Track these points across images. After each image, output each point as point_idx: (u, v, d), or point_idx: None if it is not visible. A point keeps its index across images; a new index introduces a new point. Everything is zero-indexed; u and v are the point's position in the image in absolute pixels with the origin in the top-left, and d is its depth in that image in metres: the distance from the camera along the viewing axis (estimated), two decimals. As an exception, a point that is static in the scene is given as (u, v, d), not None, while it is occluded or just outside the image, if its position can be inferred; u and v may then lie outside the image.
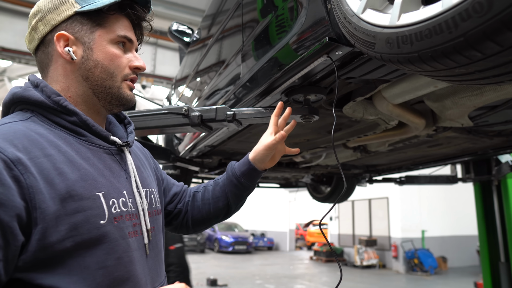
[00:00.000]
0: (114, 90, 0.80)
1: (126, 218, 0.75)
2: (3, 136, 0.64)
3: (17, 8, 8.34)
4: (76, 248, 0.65)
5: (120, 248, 0.71)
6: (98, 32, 0.78)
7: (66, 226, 0.64)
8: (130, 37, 0.82)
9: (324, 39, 1.01)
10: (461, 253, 12.06)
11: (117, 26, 0.80)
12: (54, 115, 0.74)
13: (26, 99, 0.74)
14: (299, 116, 1.44)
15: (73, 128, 0.75)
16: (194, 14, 8.69)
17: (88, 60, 0.78)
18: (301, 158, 3.07)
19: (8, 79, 12.64)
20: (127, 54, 0.82)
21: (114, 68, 0.79)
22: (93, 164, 0.74)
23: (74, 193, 0.66)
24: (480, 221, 3.62)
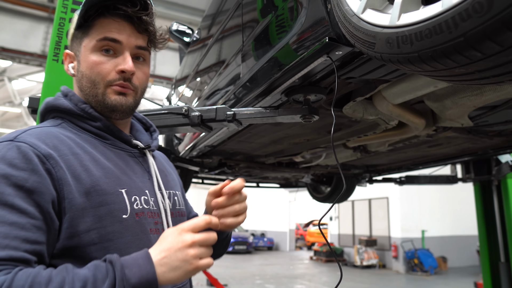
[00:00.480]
0: (99, 97, 0.81)
1: (147, 215, 0.79)
2: (36, 136, 0.71)
3: (17, 8, 8.34)
4: (100, 239, 0.70)
5: (141, 242, 0.75)
6: (84, 43, 0.81)
7: (91, 218, 0.69)
8: (114, 37, 0.79)
9: (324, 39, 1.01)
10: (461, 253, 12.06)
11: (99, 31, 0.79)
12: (81, 121, 0.81)
13: (56, 107, 0.81)
14: (299, 116, 1.44)
15: (98, 133, 0.81)
16: (194, 14, 8.69)
17: (78, 72, 0.83)
18: (301, 158, 3.07)
19: (8, 79, 12.63)
20: (116, 58, 0.80)
21: (95, 76, 0.80)
22: (117, 164, 0.79)
23: (98, 188, 0.72)
24: (480, 221, 3.62)
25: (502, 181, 3.39)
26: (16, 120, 18.60)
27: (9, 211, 0.61)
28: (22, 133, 0.71)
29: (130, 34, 0.81)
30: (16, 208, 0.62)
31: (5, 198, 0.62)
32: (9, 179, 0.63)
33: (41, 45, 8.55)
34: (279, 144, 2.60)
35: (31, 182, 0.65)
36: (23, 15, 8.42)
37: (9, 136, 0.70)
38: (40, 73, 12.14)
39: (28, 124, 17.56)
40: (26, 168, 0.65)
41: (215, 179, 4.27)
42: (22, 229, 0.61)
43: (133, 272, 0.62)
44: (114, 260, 0.63)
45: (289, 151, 2.80)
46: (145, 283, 0.62)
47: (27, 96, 7.50)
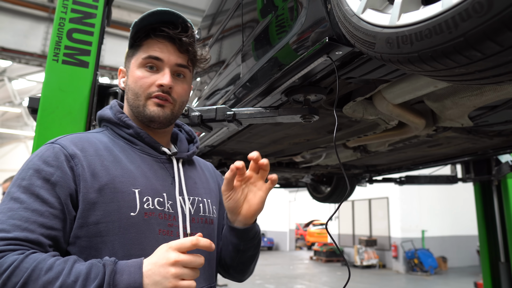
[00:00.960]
0: (140, 108, 0.91)
1: (159, 216, 0.84)
2: (70, 139, 0.85)
3: (17, 8, 8.34)
4: (108, 233, 0.78)
5: (146, 240, 0.81)
6: (132, 60, 0.93)
7: (102, 211, 0.78)
8: (157, 56, 0.89)
9: (324, 39, 1.01)
10: (461, 253, 12.06)
11: (145, 51, 0.91)
12: (118, 128, 0.93)
13: (101, 116, 0.96)
14: (299, 116, 1.44)
15: (129, 139, 0.92)
16: (194, 14, 8.69)
17: (126, 86, 0.95)
18: (301, 158, 3.07)
19: (8, 79, 12.63)
20: (157, 74, 0.90)
21: (137, 89, 0.91)
22: (138, 166, 0.87)
23: (112, 186, 0.80)
24: (480, 221, 3.62)
25: (502, 181, 3.38)
26: (16, 120, 18.60)
27: (34, 200, 0.74)
28: (62, 138, 0.85)
29: (171, 53, 0.91)
30: (40, 197, 0.74)
31: (34, 188, 0.75)
32: (40, 173, 0.77)
33: (41, 45, 8.55)
34: (279, 144, 2.60)
35: (55, 176, 0.77)
36: (23, 15, 8.42)
37: (54, 139, 0.85)
38: (40, 73, 12.14)
39: (28, 124, 17.56)
40: (54, 165, 0.78)
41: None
42: (40, 216, 0.73)
43: (122, 278, 0.68)
44: (107, 264, 0.70)
45: (289, 151, 2.80)
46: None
47: (27, 96, 7.49)
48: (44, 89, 1.62)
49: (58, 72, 1.64)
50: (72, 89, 1.64)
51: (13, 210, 0.72)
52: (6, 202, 0.74)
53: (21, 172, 0.78)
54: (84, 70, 1.67)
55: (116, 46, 9.26)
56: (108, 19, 1.91)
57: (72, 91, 1.64)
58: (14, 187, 0.76)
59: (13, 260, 0.66)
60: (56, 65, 1.64)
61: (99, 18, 1.74)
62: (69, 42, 1.66)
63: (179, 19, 0.92)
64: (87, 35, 1.70)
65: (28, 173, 0.77)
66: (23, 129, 18.35)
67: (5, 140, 19.99)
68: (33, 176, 0.76)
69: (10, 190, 0.76)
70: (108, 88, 1.77)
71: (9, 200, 0.74)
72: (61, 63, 1.64)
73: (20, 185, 0.76)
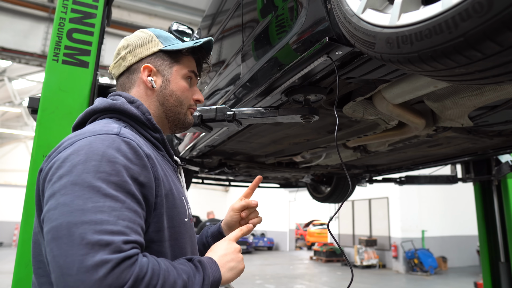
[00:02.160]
0: (181, 116, 0.97)
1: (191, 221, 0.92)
2: (132, 136, 0.77)
3: (17, 8, 8.33)
4: (170, 237, 0.80)
5: (192, 243, 0.89)
6: (175, 68, 0.97)
7: (167, 216, 0.79)
8: (197, 73, 1.02)
9: (324, 39, 1.01)
10: (461, 253, 12.06)
11: (188, 64, 0.99)
12: (143, 129, 0.88)
13: (124, 110, 0.86)
14: (299, 116, 1.44)
15: (155, 143, 0.90)
16: (194, 14, 8.69)
17: (165, 89, 0.95)
18: (301, 158, 3.07)
19: (8, 79, 12.63)
20: (192, 87, 1.01)
21: (183, 98, 0.97)
22: (172, 173, 0.90)
23: (173, 192, 0.82)
24: (480, 221, 3.62)
25: (502, 181, 3.39)
26: (16, 120, 18.60)
27: (131, 200, 0.68)
28: (120, 130, 0.77)
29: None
30: (136, 197, 0.69)
31: (129, 187, 0.68)
32: (128, 170, 0.70)
33: (41, 45, 8.55)
34: (279, 144, 2.60)
35: (143, 176, 0.72)
36: (23, 15, 8.42)
37: (111, 130, 0.75)
38: (40, 73, 12.14)
39: (28, 124, 17.56)
40: (139, 164, 0.73)
41: (215, 179, 4.27)
42: (140, 217, 0.69)
43: (209, 272, 0.76)
44: (202, 261, 0.77)
45: (289, 151, 2.80)
46: (216, 281, 0.76)
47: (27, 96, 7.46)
48: (44, 89, 1.62)
49: (58, 72, 1.64)
50: (72, 89, 1.64)
51: (117, 210, 0.64)
52: (98, 199, 0.64)
53: (99, 164, 0.67)
54: (84, 70, 1.67)
55: (116, 46, 9.24)
56: (108, 19, 1.91)
57: (72, 91, 1.64)
58: (99, 181, 0.65)
59: (146, 262, 0.64)
60: (56, 65, 1.64)
61: (99, 18, 1.74)
62: (69, 42, 1.66)
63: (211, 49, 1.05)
64: (87, 35, 1.70)
65: (114, 167, 0.67)
66: (23, 129, 18.35)
67: (5, 140, 19.99)
68: (122, 172, 0.68)
69: (94, 184, 0.65)
70: (108, 88, 1.77)
71: (102, 196, 0.64)
72: (61, 63, 1.64)
73: (109, 180, 0.66)
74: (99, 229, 0.61)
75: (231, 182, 4.41)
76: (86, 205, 0.63)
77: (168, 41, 0.98)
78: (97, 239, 0.60)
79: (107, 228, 0.61)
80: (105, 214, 0.63)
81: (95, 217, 0.62)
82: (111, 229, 0.62)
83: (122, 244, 0.61)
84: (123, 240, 0.61)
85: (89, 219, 0.61)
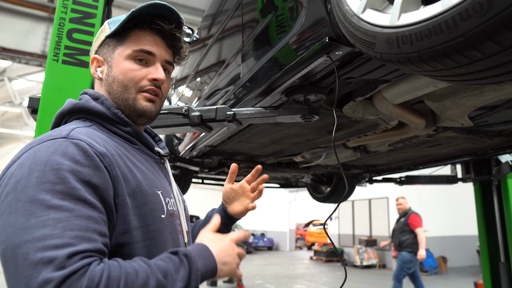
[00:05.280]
0: (129, 102, 0.85)
1: (176, 217, 0.86)
2: (86, 135, 0.73)
3: (17, 8, 8.33)
4: (144, 237, 0.75)
5: (174, 241, 0.82)
6: (118, 50, 0.86)
7: (137, 216, 0.74)
8: (149, 50, 0.85)
9: (324, 39, 1.01)
10: (461, 253, 12.05)
11: (135, 42, 0.85)
12: (111, 125, 0.83)
13: (88, 109, 0.82)
14: (299, 116, 1.44)
15: (127, 137, 0.85)
16: (194, 14, 8.69)
17: (108, 77, 0.87)
18: (301, 158, 3.07)
19: (8, 79, 12.63)
20: (148, 67, 0.86)
21: (127, 81, 0.85)
22: (148, 168, 0.84)
23: (142, 189, 0.76)
24: (480, 221, 3.62)
25: (502, 181, 3.38)
26: (16, 120, 18.59)
27: (82, 206, 0.64)
28: (71, 132, 0.72)
29: (162, 48, 0.88)
30: (88, 202, 0.65)
31: (77, 192, 0.64)
32: (76, 175, 0.65)
33: (41, 45, 8.55)
34: (279, 144, 2.60)
35: (96, 178, 0.67)
36: (23, 15, 8.42)
37: (59, 134, 0.71)
38: (40, 73, 12.14)
39: (28, 124, 17.55)
40: (89, 165, 0.67)
41: (215, 179, 4.27)
42: (96, 223, 0.64)
43: (201, 263, 0.72)
44: (188, 254, 0.71)
45: (289, 151, 2.80)
46: (210, 272, 0.74)
47: (27, 96, 7.45)
48: (44, 89, 1.62)
49: (58, 72, 1.64)
50: (72, 89, 1.64)
51: (64, 221, 0.60)
52: (42, 213, 0.60)
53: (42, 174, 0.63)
54: (84, 70, 1.67)
55: (116, 46, 9.25)
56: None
57: (72, 91, 1.64)
58: (42, 193, 0.61)
59: (100, 271, 0.59)
60: (56, 65, 1.64)
61: (99, 18, 1.74)
62: (69, 42, 1.66)
63: (174, 15, 0.88)
64: (87, 35, 1.70)
65: (58, 175, 0.63)
66: (23, 129, 18.35)
67: (5, 140, 19.99)
68: (68, 178, 0.64)
69: (36, 198, 0.61)
70: (108, 88, 1.77)
71: (45, 209, 0.60)
72: (61, 63, 1.64)
73: (54, 190, 0.62)
74: (42, 245, 0.58)
75: (231, 182, 4.41)
76: (29, 222, 0.60)
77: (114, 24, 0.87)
78: (40, 257, 0.57)
79: (50, 243, 0.58)
80: (49, 228, 0.59)
81: (38, 233, 0.59)
82: (55, 243, 0.58)
83: (66, 258, 0.57)
84: (68, 253, 0.58)
85: (32, 237, 0.58)
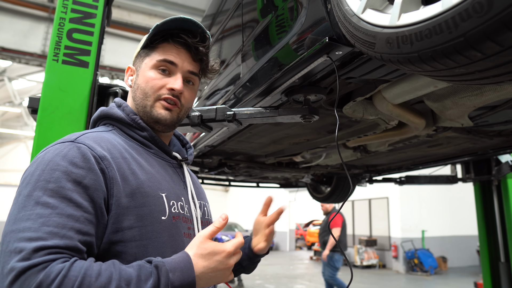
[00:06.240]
0: (147, 108, 0.92)
1: (182, 220, 0.87)
2: (92, 139, 0.80)
3: (17, 8, 8.33)
4: (141, 237, 0.77)
5: (176, 243, 0.83)
6: (145, 61, 0.94)
7: (134, 216, 0.77)
8: (172, 60, 0.92)
9: (324, 39, 1.01)
10: (461, 253, 12.05)
11: (160, 53, 0.92)
12: (130, 129, 0.91)
13: (110, 115, 0.92)
14: (299, 116, 1.44)
15: (143, 141, 0.91)
16: (194, 14, 8.69)
17: (135, 84, 0.95)
18: (301, 158, 3.07)
19: (8, 79, 12.63)
20: (169, 77, 0.92)
21: (148, 89, 0.91)
22: (158, 171, 0.88)
23: (143, 190, 0.80)
24: (480, 221, 3.62)
25: (502, 181, 3.38)
26: (16, 120, 18.60)
27: (67, 204, 0.69)
28: (81, 136, 0.80)
29: (186, 60, 0.94)
30: (74, 202, 0.69)
31: (65, 192, 0.69)
32: (69, 175, 0.71)
33: (41, 45, 8.55)
34: (279, 144, 2.60)
35: (87, 179, 0.72)
36: (23, 15, 8.42)
37: (70, 138, 0.79)
38: (40, 73, 12.14)
39: (28, 124, 17.56)
40: (84, 167, 0.73)
41: (215, 179, 4.27)
42: (76, 221, 0.68)
43: (176, 275, 0.70)
44: (159, 265, 0.70)
45: (289, 151, 2.80)
46: (186, 285, 0.70)
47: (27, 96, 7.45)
48: (44, 89, 1.62)
49: (58, 72, 1.64)
50: (72, 89, 1.64)
51: (45, 217, 0.66)
52: (31, 208, 0.67)
53: (42, 173, 0.71)
54: (84, 70, 1.67)
55: (116, 46, 9.26)
56: (108, 19, 1.91)
57: (72, 91, 1.64)
58: (37, 190, 0.69)
59: (60, 269, 0.61)
60: (56, 65, 1.64)
61: (99, 18, 1.74)
62: (69, 42, 1.66)
63: (199, 29, 0.94)
64: (87, 35, 1.70)
65: (53, 174, 0.70)
66: (23, 129, 18.35)
67: (5, 140, 19.99)
68: (61, 178, 0.70)
69: (32, 194, 0.68)
70: (108, 88, 1.77)
71: (34, 205, 0.67)
72: (61, 63, 1.64)
73: (46, 188, 0.69)
74: (20, 236, 0.64)
75: (231, 182, 4.42)
76: (19, 214, 0.67)
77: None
78: (15, 246, 0.63)
79: (26, 235, 0.64)
80: (31, 221, 0.65)
81: (21, 225, 0.65)
82: (29, 236, 0.64)
83: (32, 251, 0.62)
84: (35, 247, 0.62)
85: (16, 227, 0.65)
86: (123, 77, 10.10)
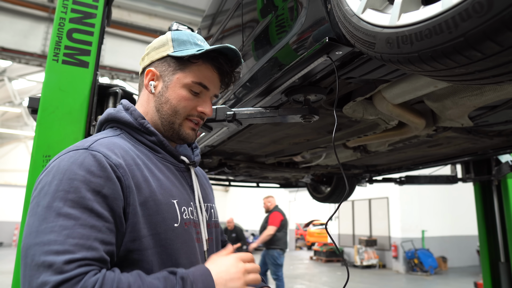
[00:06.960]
0: (175, 126, 0.93)
1: (192, 225, 0.88)
2: (106, 146, 0.79)
3: (17, 8, 8.34)
4: (155, 245, 0.77)
5: (189, 249, 0.84)
6: (177, 75, 0.92)
7: (148, 224, 0.77)
8: (206, 85, 0.93)
9: (324, 39, 1.01)
10: (461, 253, 12.05)
11: (196, 73, 0.92)
12: (138, 133, 0.91)
13: (118, 119, 0.91)
14: (299, 116, 1.44)
15: (151, 146, 0.91)
16: (194, 14, 8.69)
17: (162, 96, 0.93)
18: (301, 158, 3.07)
19: (8, 79, 12.63)
20: (198, 98, 0.93)
21: (180, 108, 0.92)
22: (168, 177, 0.88)
23: (155, 198, 0.80)
24: (480, 221, 3.62)
25: (502, 181, 3.38)
26: (16, 120, 18.60)
27: (88, 215, 0.68)
28: (93, 143, 0.79)
29: (216, 86, 0.96)
30: (95, 212, 0.69)
31: (86, 202, 0.69)
32: (88, 185, 0.71)
33: (41, 45, 8.55)
34: (279, 144, 2.60)
35: (106, 188, 0.72)
36: (23, 15, 8.42)
37: (82, 145, 0.78)
38: (40, 73, 12.14)
39: (28, 124, 17.56)
40: (102, 176, 0.73)
41: (215, 179, 4.27)
42: (99, 232, 0.68)
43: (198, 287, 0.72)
44: (185, 276, 0.72)
45: (289, 151, 2.80)
46: None
47: (27, 96, 7.45)
48: (44, 89, 1.62)
49: (58, 72, 1.64)
50: (72, 89, 1.64)
51: (69, 228, 0.65)
52: (53, 219, 0.66)
53: (60, 183, 0.70)
54: (84, 70, 1.67)
55: (116, 46, 9.27)
56: (108, 19, 1.91)
57: (72, 91, 1.64)
58: (56, 200, 0.68)
59: (94, 282, 0.62)
60: (56, 65, 1.64)
61: (99, 18, 1.74)
62: (69, 42, 1.66)
63: (237, 57, 0.95)
64: (87, 35, 1.70)
65: (72, 184, 0.70)
66: (23, 129, 18.35)
67: (5, 140, 19.99)
68: (80, 188, 0.70)
69: (52, 205, 0.68)
70: (108, 88, 1.77)
71: (56, 216, 0.66)
72: (61, 63, 1.64)
73: (66, 198, 0.68)
74: (46, 250, 0.63)
75: (231, 182, 4.42)
76: (41, 226, 0.66)
77: (182, 46, 0.92)
78: (42, 260, 0.62)
79: (53, 248, 0.63)
80: (55, 234, 0.65)
81: (46, 238, 0.65)
82: (56, 249, 0.63)
83: (64, 264, 0.62)
84: (66, 260, 0.62)
85: (40, 240, 0.65)
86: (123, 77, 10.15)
